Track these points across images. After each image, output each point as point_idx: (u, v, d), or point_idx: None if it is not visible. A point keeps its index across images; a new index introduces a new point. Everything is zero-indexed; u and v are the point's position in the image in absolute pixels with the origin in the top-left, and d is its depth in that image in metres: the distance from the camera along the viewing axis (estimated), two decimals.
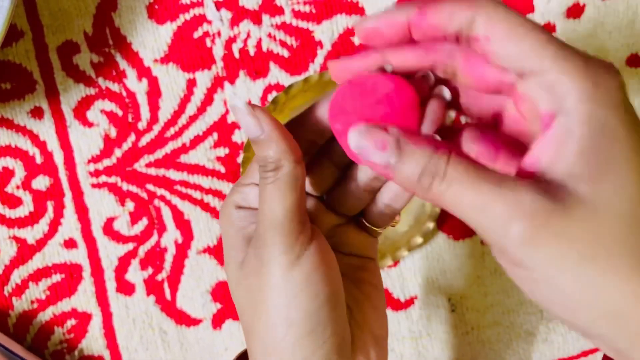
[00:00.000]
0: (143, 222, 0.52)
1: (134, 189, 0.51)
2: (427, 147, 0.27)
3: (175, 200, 0.52)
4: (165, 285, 0.52)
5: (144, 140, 0.51)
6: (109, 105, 0.51)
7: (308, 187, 0.35)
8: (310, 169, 0.35)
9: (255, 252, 0.32)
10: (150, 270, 0.52)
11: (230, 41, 0.50)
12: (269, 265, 0.31)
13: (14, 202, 0.51)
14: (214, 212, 0.52)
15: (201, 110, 0.51)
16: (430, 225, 0.51)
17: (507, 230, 0.25)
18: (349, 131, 0.29)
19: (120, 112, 0.51)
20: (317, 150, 0.35)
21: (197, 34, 0.50)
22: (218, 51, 0.50)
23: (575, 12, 0.51)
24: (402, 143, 0.28)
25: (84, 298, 0.52)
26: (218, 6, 0.50)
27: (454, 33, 0.29)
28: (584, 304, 0.25)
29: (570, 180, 0.25)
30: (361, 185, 0.34)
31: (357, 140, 0.29)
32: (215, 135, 0.51)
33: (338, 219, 0.36)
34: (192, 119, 0.51)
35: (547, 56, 0.26)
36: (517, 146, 0.30)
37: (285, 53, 0.51)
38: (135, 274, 0.52)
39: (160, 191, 0.51)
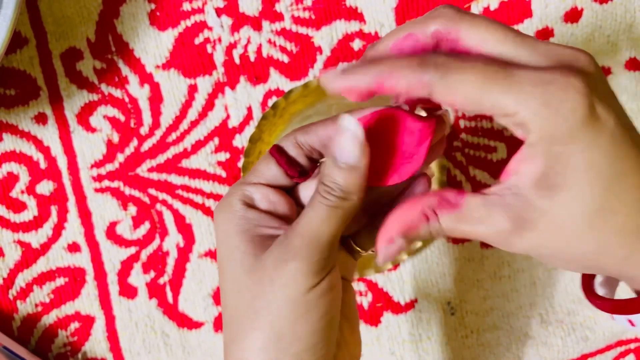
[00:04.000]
0: (145, 226, 0.52)
1: (136, 193, 0.52)
2: (424, 224, 0.32)
3: (177, 204, 0.52)
4: (168, 288, 0.53)
5: (146, 145, 0.52)
6: (112, 111, 0.51)
7: (304, 200, 0.36)
8: (309, 184, 0.35)
9: (276, 261, 0.32)
10: (152, 274, 0.53)
11: (231, 47, 0.51)
12: (293, 279, 0.32)
13: (19, 206, 0.52)
14: None
15: (202, 115, 0.51)
16: None
17: (502, 246, 0.32)
18: (379, 249, 0.33)
19: (122, 118, 0.51)
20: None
21: (198, 40, 0.51)
22: (219, 57, 0.51)
23: (573, 16, 0.51)
24: (408, 236, 0.33)
25: (87, 301, 0.53)
26: (219, 13, 0.51)
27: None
28: (581, 268, 0.33)
29: (532, 194, 0.30)
30: (362, 205, 0.35)
31: (385, 259, 0.33)
32: (216, 140, 0.52)
33: None
34: (194, 124, 0.51)
35: (509, 108, 0.30)
36: None
37: (285, 59, 0.51)
38: (138, 278, 0.53)
39: (162, 195, 0.52)
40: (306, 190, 0.35)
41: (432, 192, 0.33)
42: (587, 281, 0.38)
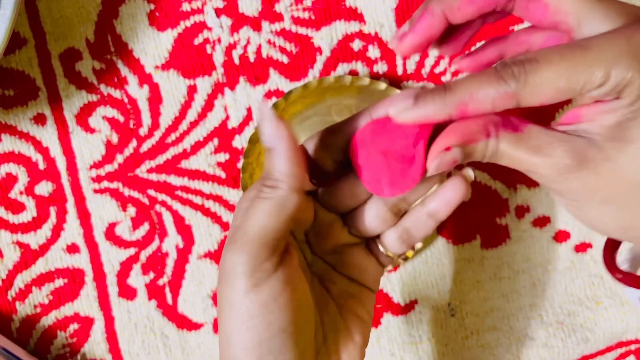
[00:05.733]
0: (144, 227, 0.52)
1: (135, 194, 0.52)
2: (483, 139, 0.31)
3: (176, 205, 0.52)
4: (167, 289, 0.53)
5: (145, 146, 0.51)
6: (111, 112, 0.51)
7: (332, 203, 0.35)
8: (339, 185, 0.35)
9: (223, 257, 0.32)
10: (151, 275, 0.53)
11: (230, 47, 0.51)
12: (229, 280, 0.31)
13: (17, 207, 0.52)
14: (215, 217, 0.52)
15: (202, 116, 0.51)
16: None
17: (551, 182, 0.31)
18: (430, 157, 0.32)
19: (121, 119, 0.51)
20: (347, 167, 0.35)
21: (198, 40, 0.51)
22: (218, 57, 0.51)
23: None
24: (465, 149, 0.31)
25: (86, 302, 0.53)
26: (218, 13, 0.50)
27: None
28: (618, 228, 0.32)
29: (602, 140, 0.30)
30: (389, 204, 0.34)
31: (436, 168, 0.31)
32: (215, 141, 0.52)
33: (351, 238, 0.36)
34: (193, 124, 0.51)
35: (599, 70, 0.29)
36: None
37: (284, 59, 0.51)
38: (137, 279, 0.52)
39: (161, 196, 0.52)
40: (329, 195, 0.35)
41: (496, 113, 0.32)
42: (610, 254, 0.37)
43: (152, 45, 0.51)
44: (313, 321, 0.33)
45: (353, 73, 0.51)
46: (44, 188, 0.52)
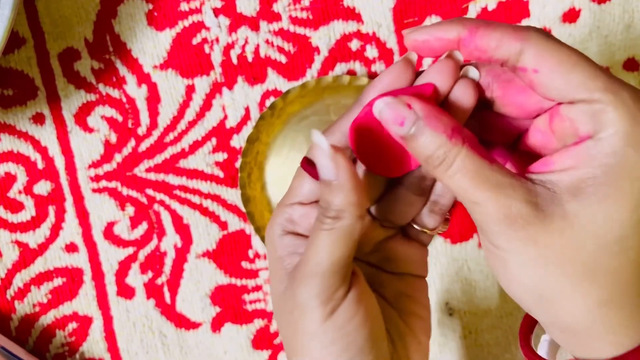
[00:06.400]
0: (143, 227, 0.52)
1: (133, 193, 0.52)
2: (442, 134, 0.29)
3: (175, 204, 0.52)
4: (165, 289, 0.53)
5: (144, 145, 0.52)
6: (109, 111, 0.51)
7: None
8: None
9: (293, 290, 0.31)
10: (150, 274, 0.53)
11: (229, 47, 0.51)
12: (304, 312, 0.31)
13: (16, 206, 0.52)
14: (213, 217, 0.52)
15: (200, 115, 0.51)
16: None
17: (492, 223, 0.29)
18: (376, 100, 0.30)
19: (120, 118, 0.51)
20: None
21: (196, 40, 0.51)
22: (216, 57, 0.51)
23: (571, 16, 0.51)
24: (420, 124, 0.29)
25: (85, 301, 0.53)
26: (216, 13, 0.51)
27: (500, 60, 0.30)
28: (534, 295, 0.30)
29: (566, 195, 0.28)
30: (411, 188, 0.34)
31: (380, 111, 0.30)
32: (213, 141, 0.52)
33: (385, 231, 0.35)
34: (191, 124, 0.51)
35: (597, 88, 0.28)
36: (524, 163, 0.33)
37: (282, 59, 0.51)
38: (136, 278, 0.53)
39: (159, 196, 0.52)
40: None
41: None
42: (526, 335, 0.35)
43: (150, 45, 0.51)
44: (385, 334, 0.33)
45: (351, 73, 0.51)
46: (43, 187, 0.52)
